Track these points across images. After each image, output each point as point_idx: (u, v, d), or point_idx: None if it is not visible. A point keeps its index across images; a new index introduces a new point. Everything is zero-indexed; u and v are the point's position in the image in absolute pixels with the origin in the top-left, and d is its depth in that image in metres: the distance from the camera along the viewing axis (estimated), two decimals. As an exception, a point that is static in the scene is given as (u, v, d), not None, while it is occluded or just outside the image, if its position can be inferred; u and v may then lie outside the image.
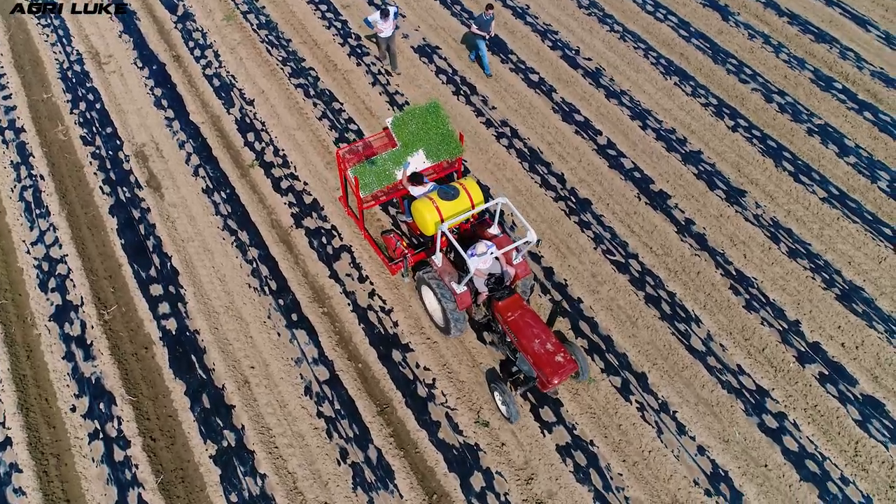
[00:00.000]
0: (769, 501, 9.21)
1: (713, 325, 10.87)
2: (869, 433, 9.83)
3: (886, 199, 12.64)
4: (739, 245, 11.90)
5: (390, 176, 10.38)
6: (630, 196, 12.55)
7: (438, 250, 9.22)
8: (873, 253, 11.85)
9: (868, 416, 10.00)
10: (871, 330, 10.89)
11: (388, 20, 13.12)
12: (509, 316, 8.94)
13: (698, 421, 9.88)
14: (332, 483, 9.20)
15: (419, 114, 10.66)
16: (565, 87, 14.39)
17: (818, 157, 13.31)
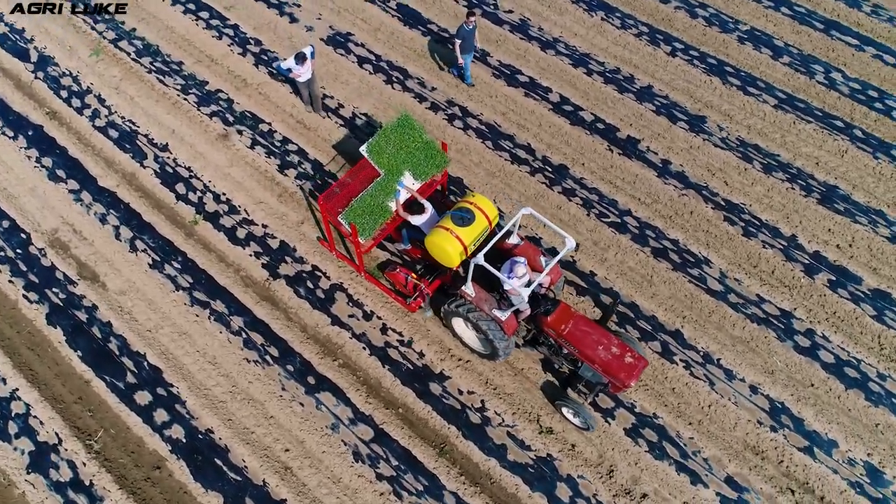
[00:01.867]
0: (826, 418, 9.61)
1: (722, 262, 10.95)
2: (886, 324, 10.42)
3: (827, 91, 13.06)
4: (717, 173, 11.94)
5: (386, 210, 9.34)
6: (601, 150, 12.17)
7: (470, 280, 8.44)
8: (834, 148, 12.29)
9: (880, 308, 10.57)
10: (856, 225, 11.40)
11: (305, 64, 11.20)
12: (563, 329, 8.42)
13: (741, 362, 10.03)
14: (423, 546, 8.61)
15: (392, 132, 9.58)
16: (497, 49, 13.52)
17: (756, 64, 13.46)
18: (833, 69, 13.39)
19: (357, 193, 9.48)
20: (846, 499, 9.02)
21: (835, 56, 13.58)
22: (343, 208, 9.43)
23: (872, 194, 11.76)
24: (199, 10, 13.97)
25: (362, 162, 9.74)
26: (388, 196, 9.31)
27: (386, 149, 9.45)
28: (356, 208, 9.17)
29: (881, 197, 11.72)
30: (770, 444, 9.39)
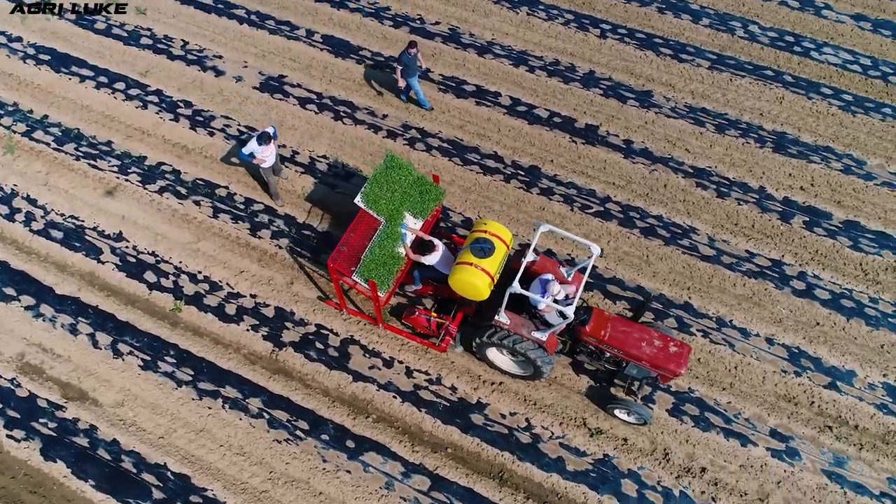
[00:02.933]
0: (839, 351, 10.18)
1: (707, 227, 11.35)
2: (863, 251, 11.16)
3: (750, 44, 13.76)
4: (677, 143, 12.34)
5: (397, 257, 9.02)
6: (565, 143, 12.29)
7: (504, 309, 8.29)
8: (772, 97, 12.99)
9: (854, 237, 11.29)
10: (812, 165, 12.12)
11: (269, 146, 10.38)
12: (603, 334, 8.44)
13: (751, 318, 10.46)
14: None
15: (382, 177, 9.27)
16: (436, 62, 13.33)
17: (680, 31, 13.99)
18: (749, 22, 14.13)
19: (363, 247, 9.12)
20: (877, 422, 9.62)
21: (747, 10, 14.34)
22: (354, 266, 9.05)
23: (817, 133, 12.53)
24: (112, 83, 12.93)
25: (360, 213, 9.35)
26: (395, 242, 9.00)
27: (380, 195, 9.13)
28: (368, 263, 8.81)
29: (825, 134, 12.51)
30: (798, 388, 9.87)
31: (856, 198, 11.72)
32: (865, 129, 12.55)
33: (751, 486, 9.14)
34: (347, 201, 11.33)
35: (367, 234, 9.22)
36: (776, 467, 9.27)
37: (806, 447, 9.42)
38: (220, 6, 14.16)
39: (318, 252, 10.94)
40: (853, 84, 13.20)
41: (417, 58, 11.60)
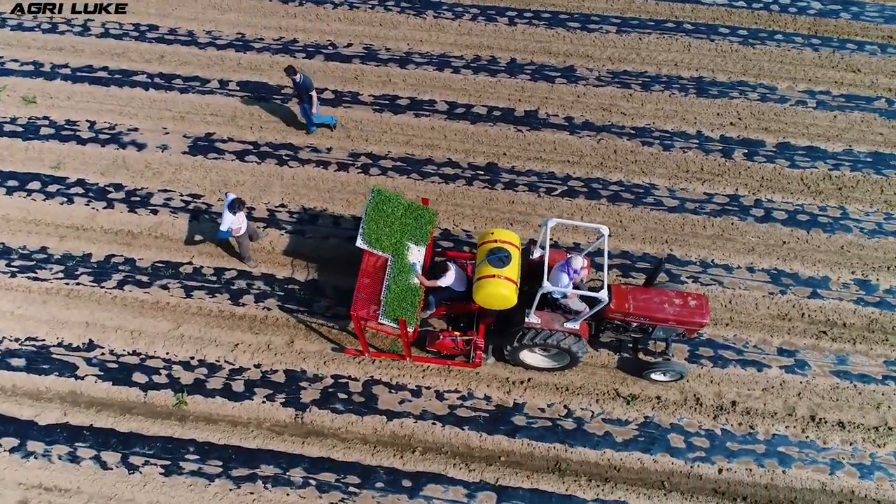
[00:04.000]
0: (809, 262, 11.09)
1: (664, 181, 11.98)
2: (799, 167, 12.19)
3: (645, 1, 14.57)
4: (612, 108, 12.89)
5: (415, 289, 8.92)
6: (512, 134, 12.52)
7: (535, 309, 8.41)
8: (680, 46, 13.84)
9: (789, 157, 12.31)
10: (733, 100, 13.05)
11: (242, 212, 9.91)
12: (627, 307, 8.75)
13: (728, 253, 11.17)
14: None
15: (375, 213, 9.12)
16: (362, 84, 13.13)
17: (580, 2, 14.55)
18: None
19: (379, 289, 8.93)
20: (860, 315, 10.61)
21: (631, -30, 15.19)
22: (375, 309, 8.84)
23: (728, 70, 13.49)
24: (25, 184, 11.77)
25: (365, 255, 9.16)
26: (408, 275, 8.90)
27: (379, 231, 8.99)
28: (390, 302, 8.67)
29: (735, 70, 13.50)
30: (787, 305, 10.69)
31: (779, 121, 12.77)
32: (766, 58, 13.66)
33: (777, 405, 9.84)
34: (322, 245, 11.10)
35: (378, 274, 9.04)
36: (792, 382, 10.03)
37: (811, 356, 10.26)
38: (118, 76, 13.21)
39: (309, 303, 10.58)
40: (743, 19, 14.31)
41: (305, 83, 11.36)
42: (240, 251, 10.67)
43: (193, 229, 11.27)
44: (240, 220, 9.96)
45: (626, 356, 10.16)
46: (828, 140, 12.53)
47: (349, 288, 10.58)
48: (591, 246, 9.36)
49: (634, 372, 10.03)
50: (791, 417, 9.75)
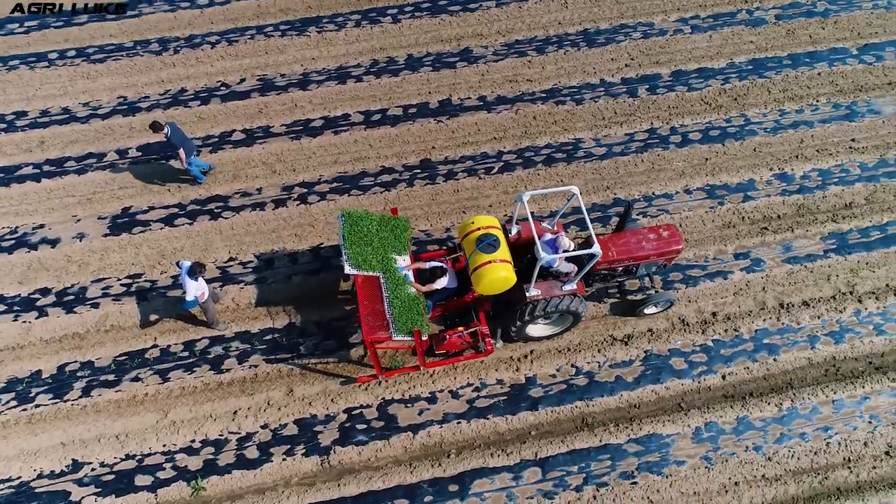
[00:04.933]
0: (734, 170, 12.09)
1: (586, 132, 12.56)
2: (696, 89, 13.18)
3: (513, -28, 15.15)
4: (517, 78, 13.30)
5: (416, 297, 8.92)
6: (434, 127, 12.60)
7: (535, 285, 8.66)
8: (556, 6, 14.48)
9: (685, 82, 13.27)
10: (621, 44, 13.87)
11: (202, 275, 9.37)
12: (612, 254, 9.15)
13: (662, 182, 11.94)
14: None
15: (353, 236, 9.00)
16: (269, 116, 12.68)
17: (454, -15, 14.90)
18: (499, -45, 15.46)
19: (381, 307, 8.82)
20: (788, 204, 11.72)
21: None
22: (384, 329, 8.71)
23: (605, 17, 14.32)
24: (-66, 316, 10.47)
25: (357, 280, 9.00)
26: (404, 286, 8.86)
27: (363, 252, 8.85)
28: (399, 317, 8.59)
29: (611, 15, 14.34)
30: (728, 213, 11.61)
31: (666, 53, 13.72)
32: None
33: (750, 304, 10.72)
34: (287, 286, 10.74)
35: (375, 294, 8.90)
36: (754, 280, 10.95)
37: (762, 252, 11.23)
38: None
39: (295, 347, 10.20)
40: (603, -34, 15.23)
41: (178, 135, 10.91)
42: (207, 318, 10.09)
43: (146, 310, 10.51)
44: (203, 285, 9.43)
45: (613, 302, 10.66)
46: (711, 59, 13.64)
47: (331, 320, 10.43)
48: (565, 207, 9.66)
49: (623, 314, 10.55)
50: (764, 311, 10.66)
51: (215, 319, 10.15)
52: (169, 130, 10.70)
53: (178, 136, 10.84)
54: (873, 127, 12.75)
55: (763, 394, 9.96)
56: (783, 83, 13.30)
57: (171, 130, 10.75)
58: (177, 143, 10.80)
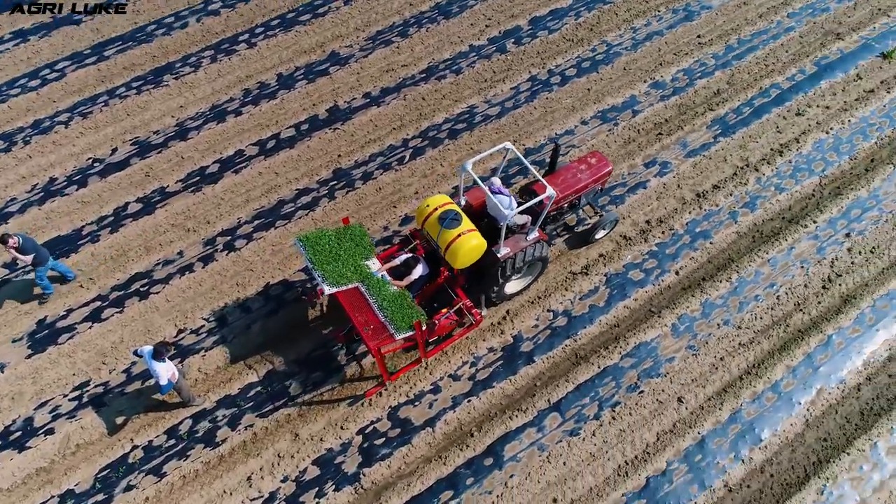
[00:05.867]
0: (617, 89, 13.04)
1: (476, 98, 13.00)
2: (556, 30, 13.99)
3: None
4: (392, 66, 13.43)
5: (401, 294, 8.94)
6: (332, 136, 12.43)
7: (504, 244, 9.01)
8: (402, -11, 14.76)
9: (543, 26, 14.05)
10: (471, 9, 14.40)
11: (167, 356, 8.61)
12: (558, 191, 9.64)
13: (559, 121, 12.65)
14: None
15: (320, 256, 8.96)
16: (159, 178, 11.86)
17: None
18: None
19: (373, 315, 8.80)
20: (668, 107, 12.86)
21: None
22: (384, 333, 8.66)
23: (453, -12, 14.84)
24: None
25: (339, 297, 8.87)
26: (385, 287, 8.86)
27: (335, 269, 8.75)
28: (393, 315, 8.62)
29: (456, -16, 14.87)
30: (625, 131, 12.55)
31: (517, 5, 14.44)
32: (470, -38, 15.19)
33: (672, 203, 11.71)
34: (250, 336, 10.40)
35: (363, 305, 8.82)
36: (668, 181, 11.96)
37: (664, 155, 12.27)
38: None
39: (284, 392, 9.79)
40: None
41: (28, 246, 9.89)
42: (182, 397, 9.42)
43: (109, 416, 9.60)
44: (171, 366, 8.80)
45: (562, 241, 11.22)
46: (558, 0, 14.53)
47: (309, 353, 10.18)
48: (503, 163, 10.03)
49: (573, 249, 11.15)
50: (686, 204, 11.69)
51: (191, 395, 9.52)
52: (20, 240, 9.61)
53: (29, 246, 9.75)
54: (710, 20, 14.25)
55: (713, 275, 10.98)
56: (625, 4, 14.46)
57: (23, 241, 9.67)
58: (28, 251, 9.72)
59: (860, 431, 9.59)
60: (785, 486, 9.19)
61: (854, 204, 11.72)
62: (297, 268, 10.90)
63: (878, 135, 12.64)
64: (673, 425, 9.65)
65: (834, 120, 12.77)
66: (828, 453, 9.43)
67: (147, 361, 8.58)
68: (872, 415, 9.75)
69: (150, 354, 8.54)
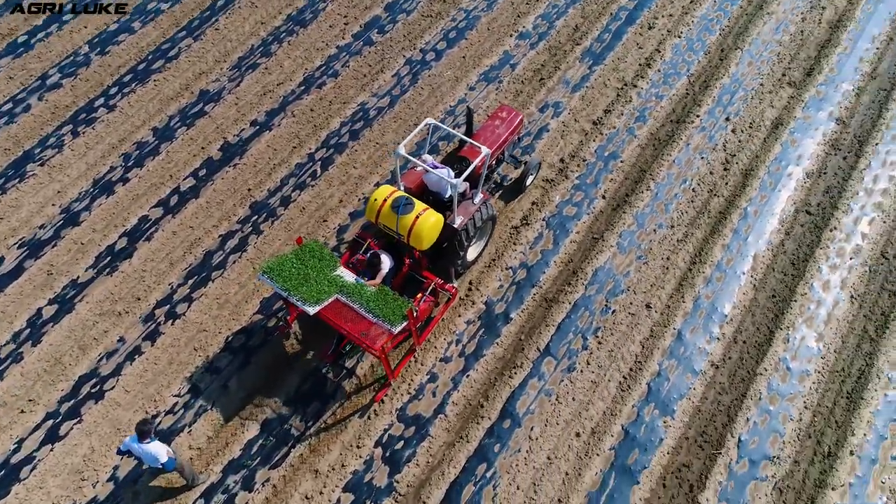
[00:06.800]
0: (479, 57, 13.56)
1: (362, 95, 13.00)
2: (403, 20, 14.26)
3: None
4: (280, 79, 13.16)
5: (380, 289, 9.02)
6: (235, 173, 11.96)
7: (457, 214, 9.31)
8: (247, 12, 14.28)
9: (381, 28, 14.24)
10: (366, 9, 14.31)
11: (152, 432, 7.98)
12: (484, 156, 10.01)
13: (447, 98, 12.97)
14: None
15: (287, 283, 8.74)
16: (62, 275, 10.84)
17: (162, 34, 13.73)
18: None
19: (365, 319, 8.80)
20: (542, 51, 13.58)
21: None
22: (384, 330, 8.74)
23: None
24: None
25: (322, 316, 8.72)
26: (363, 288, 8.93)
27: (310, 289, 8.69)
28: (384, 311, 8.71)
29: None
30: (511, 84, 13.13)
31: None
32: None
33: (575, 137, 12.46)
34: (232, 393, 9.98)
35: (351, 313, 8.82)
36: (563, 118, 12.69)
37: (553, 96, 12.98)
38: None
39: (286, 436, 9.43)
40: None
41: None
42: (185, 476, 8.80)
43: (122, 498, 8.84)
44: (161, 443, 8.18)
45: (498, 197, 11.67)
46: (403, -19, 14.81)
47: (298, 388, 9.91)
48: (431, 139, 10.31)
49: (507, 203, 11.59)
50: (588, 135, 12.48)
51: (193, 472, 8.92)
52: None
53: None
54: (544, -35, 15.15)
55: (633, 189, 11.82)
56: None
57: None
58: None
59: (797, 279, 10.85)
60: (758, 347, 10.23)
61: (722, 91, 13.06)
62: (253, 311, 10.48)
63: (718, 27, 14.14)
64: (651, 331, 10.41)
65: (680, 24, 14.10)
66: (780, 307, 10.60)
67: (136, 450, 7.94)
68: (800, 262, 11.05)
69: (136, 440, 7.91)
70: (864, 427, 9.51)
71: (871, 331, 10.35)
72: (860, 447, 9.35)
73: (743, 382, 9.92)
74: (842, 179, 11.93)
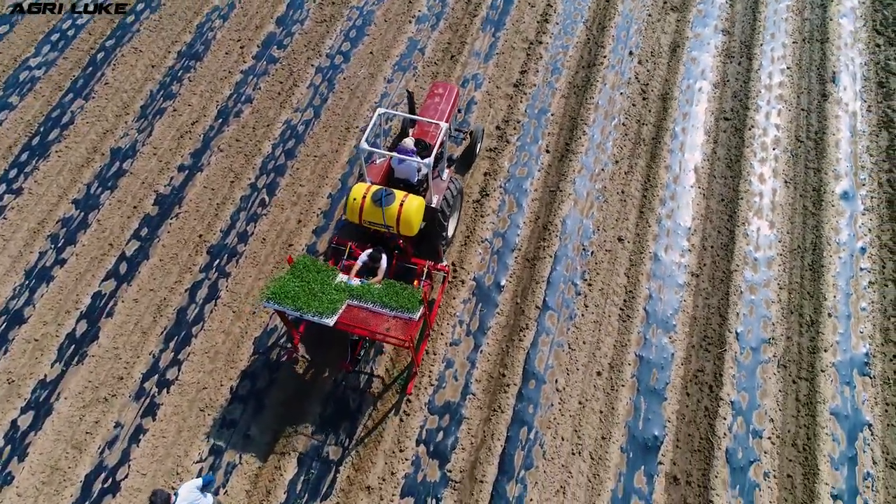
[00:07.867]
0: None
1: (287, 114, 12.65)
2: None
3: (57, 66, 13.32)
4: (193, 117, 12.51)
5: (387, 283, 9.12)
6: (183, 222, 11.33)
7: (431, 191, 9.55)
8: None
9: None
10: (216, 29, 13.74)
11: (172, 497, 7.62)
12: (433, 133, 10.13)
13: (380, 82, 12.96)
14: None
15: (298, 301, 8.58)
16: (25, 379, 9.88)
17: (23, 121, 12.59)
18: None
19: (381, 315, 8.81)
20: (443, 30, 13.78)
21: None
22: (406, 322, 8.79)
23: (180, 41, 13.87)
24: None
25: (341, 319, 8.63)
26: (371, 287, 8.98)
27: (321, 301, 8.60)
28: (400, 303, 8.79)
29: (181, 33, 13.94)
30: (426, 69, 13.26)
31: (256, 17, 14.07)
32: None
33: (503, 102, 12.82)
34: (257, 443, 9.58)
35: (367, 314, 8.78)
36: (486, 87, 13.02)
37: (469, 70, 13.26)
38: None
39: (327, 463, 9.18)
40: (125, 1, 14.34)
41: None
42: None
43: None
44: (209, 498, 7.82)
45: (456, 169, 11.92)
46: (285, -7, 14.51)
47: (321, 413, 9.72)
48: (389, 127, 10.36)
49: (463, 174, 11.86)
50: (513, 97, 12.86)
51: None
52: None
53: None
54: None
55: (571, 137, 12.33)
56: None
57: None
58: None
59: (736, 179, 11.78)
60: (724, 248, 11.07)
61: (618, 29, 13.83)
62: (247, 354, 10.06)
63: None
64: (630, 260, 11.01)
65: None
66: (730, 207, 11.48)
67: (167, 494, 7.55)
68: (734, 163, 12.00)
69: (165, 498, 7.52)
70: (832, 290, 10.61)
71: (810, 206, 11.50)
72: (835, 308, 10.44)
73: (722, 283, 10.74)
74: (743, 83, 13.07)
